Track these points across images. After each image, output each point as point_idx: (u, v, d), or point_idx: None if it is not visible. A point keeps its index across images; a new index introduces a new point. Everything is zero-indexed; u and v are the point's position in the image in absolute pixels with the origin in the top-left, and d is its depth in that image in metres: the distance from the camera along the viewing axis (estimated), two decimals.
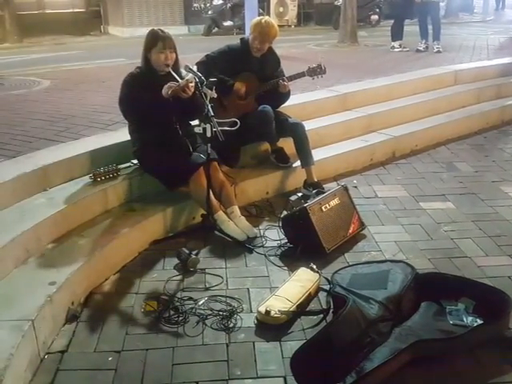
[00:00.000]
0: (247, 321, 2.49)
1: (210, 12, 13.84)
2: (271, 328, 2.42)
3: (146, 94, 3.07)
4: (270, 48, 3.87)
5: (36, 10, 14.71)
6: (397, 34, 8.52)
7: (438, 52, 8.06)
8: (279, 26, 4.07)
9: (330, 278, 2.74)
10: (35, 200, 3.02)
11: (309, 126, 4.18)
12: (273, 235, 3.33)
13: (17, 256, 2.58)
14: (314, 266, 2.83)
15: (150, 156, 3.30)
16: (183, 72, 3.20)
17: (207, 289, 2.76)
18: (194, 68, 3.35)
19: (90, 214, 3.11)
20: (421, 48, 8.29)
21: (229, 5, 13.54)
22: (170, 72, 3.13)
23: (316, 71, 3.89)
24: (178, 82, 3.04)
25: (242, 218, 3.34)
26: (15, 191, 2.99)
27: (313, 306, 2.63)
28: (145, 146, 3.32)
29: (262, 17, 3.91)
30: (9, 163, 3.32)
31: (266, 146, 4.09)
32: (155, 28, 3.28)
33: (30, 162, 3.29)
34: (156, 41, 3.16)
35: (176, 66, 3.22)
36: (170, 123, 3.26)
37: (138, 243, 3.14)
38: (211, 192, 3.19)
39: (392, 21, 9.03)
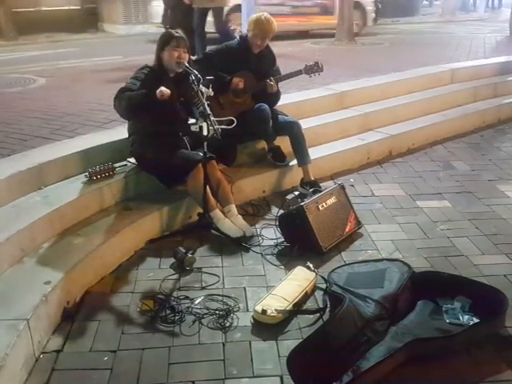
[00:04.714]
0: (244, 320, 2.48)
1: None
2: (268, 327, 2.42)
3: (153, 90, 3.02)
4: (266, 45, 3.86)
5: (32, 7, 14.63)
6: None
7: None
8: None
9: (326, 277, 2.73)
10: (30, 199, 3.01)
11: (305, 124, 4.18)
12: (269, 234, 3.32)
13: (12, 255, 2.57)
14: (311, 265, 2.83)
15: (149, 153, 3.27)
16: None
17: (203, 288, 2.75)
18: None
19: (86, 213, 3.10)
20: None
21: None
22: (185, 69, 3.12)
23: (313, 69, 3.89)
24: (195, 76, 3.03)
25: (239, 216, 3.33)
26: (10, 190, 2.97)
27: (309, 304, 2.62)
28: (143, 144, 3.30)
29: (260, 13, 3.89)
30: (3, 161, 3.30)
31: (262, 144, 4.09)
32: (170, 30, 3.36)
33: (25, 160, 3.27)
34: (170, 39, 3.21)
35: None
36: (172, 121, 3.25)
37: (134, 242, 3.13)
38: (208, 190, 3.18)
39: None
